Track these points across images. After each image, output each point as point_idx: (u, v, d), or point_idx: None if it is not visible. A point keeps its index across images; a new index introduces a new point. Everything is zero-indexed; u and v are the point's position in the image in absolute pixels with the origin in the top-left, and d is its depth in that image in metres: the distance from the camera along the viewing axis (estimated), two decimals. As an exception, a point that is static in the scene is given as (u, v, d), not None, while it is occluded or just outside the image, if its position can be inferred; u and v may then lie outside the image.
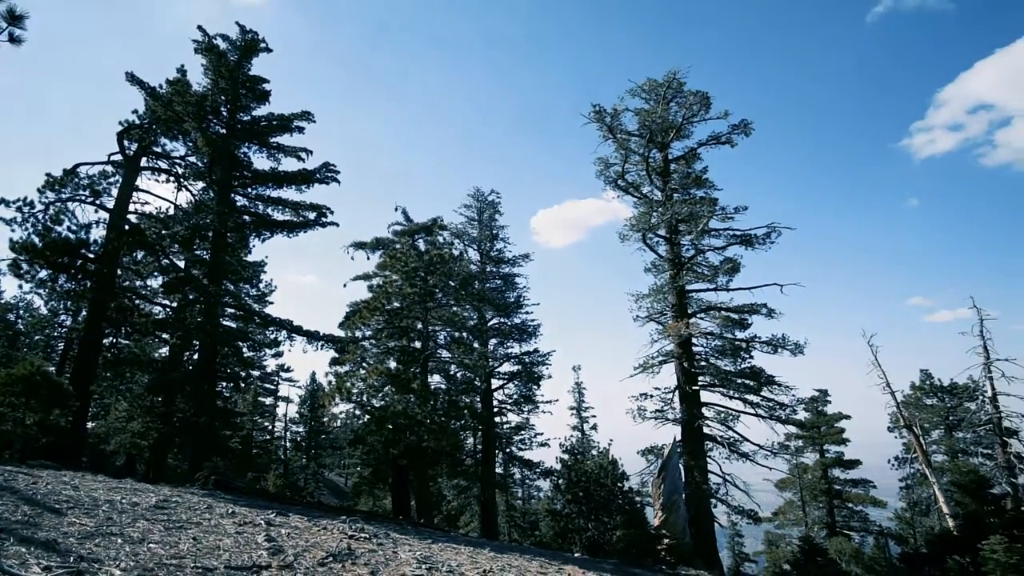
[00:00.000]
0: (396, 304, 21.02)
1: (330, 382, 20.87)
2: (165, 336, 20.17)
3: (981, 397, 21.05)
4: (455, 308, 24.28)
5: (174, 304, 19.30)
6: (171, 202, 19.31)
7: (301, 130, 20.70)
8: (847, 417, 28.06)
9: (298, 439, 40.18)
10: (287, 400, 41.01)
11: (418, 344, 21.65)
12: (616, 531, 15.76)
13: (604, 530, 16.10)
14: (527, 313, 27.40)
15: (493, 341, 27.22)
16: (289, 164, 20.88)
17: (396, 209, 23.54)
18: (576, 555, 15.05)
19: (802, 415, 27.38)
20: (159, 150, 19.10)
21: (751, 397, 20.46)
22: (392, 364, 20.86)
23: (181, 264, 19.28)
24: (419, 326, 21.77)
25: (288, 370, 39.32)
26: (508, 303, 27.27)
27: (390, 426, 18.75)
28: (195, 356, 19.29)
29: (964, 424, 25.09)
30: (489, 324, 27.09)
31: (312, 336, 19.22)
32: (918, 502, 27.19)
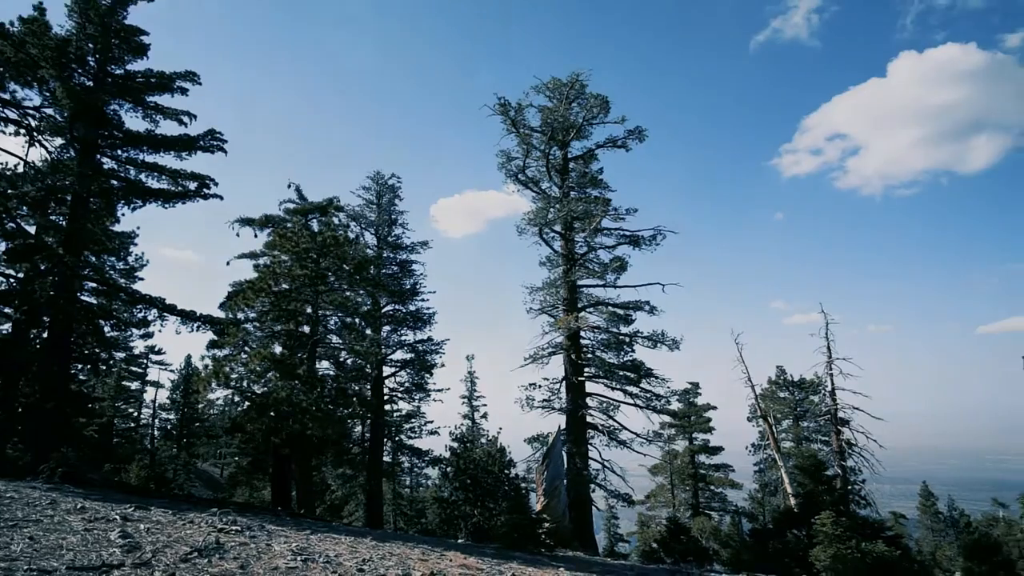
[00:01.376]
0: (284, 286, 20.02)
1: (207, 366, 19.49)
2: (7, 311, 17.82)
3: (823, 391, 23.94)
4: (348, 293, 23.55)
5: (20, 275, 17.08)
6: (21, 158, 16.99)
7: (184, 92, 18.98)
8: (714, 408, 30.84)
9: (168, 427, 37.11)
10: (157, 385, 37.68)
11: (307, 329, 20.79)
12: (501, 517, 16.22)
13: (489, 516, 16.50)
14: (423, 301, 27.21)
15: (387, 328, 26.77)
16: (169, 128, 19.16)
17: (289, 186, 22.39)
18: (460, 541, 15.31)
19: (675, 406, 29.64)
20: (7, 97, 16.71)
21: (631, 388, 21.83)
22: (277, 349, 19.89)
23: (32, 230, 17.09)
24: (308, 310, 20.90)
25: (159, 352, 36.15)
26: (404, 290, 26.91)
27: (272, 413, 17.91)
28: (45, 334, 17.23)
29: (808, 415, 28.53)
30: (383, 311, 26.59)
31: (187, 316, 17.85)
32: (768, 484, 30.51)
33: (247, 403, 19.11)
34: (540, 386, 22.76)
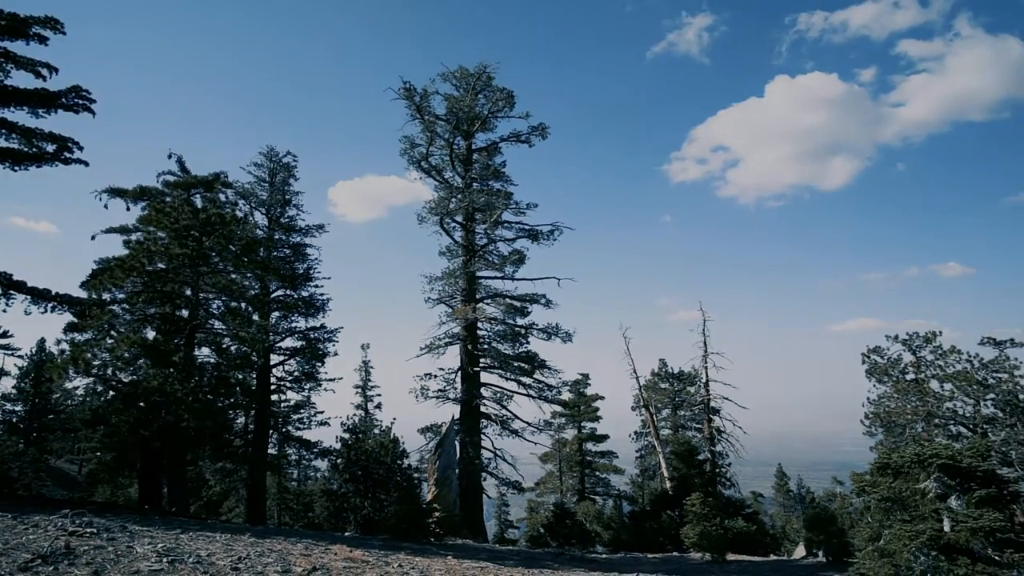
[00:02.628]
0: (160, 265, 18.40)
1: (63, 352, 17.53)
2: None
3: (699, 382, 26.01)
4: (234, 275, 22.06)
5: None
6: None
7: (43, 40, 16.66)
8: (602, 398, 32.44)
9: (13, 419, 32.83)
10: (1, 372, 33.13)
11: (185, 312, 19.27)
12: (392, 508, 16.08)
13: (380, 507, 16.30)
14: (316, 287, 26.08)
15: (276, 314, 25.41)
16: (23, 80, 16.76)
17: (170, 156, 20.48)
18: (348, 534, 15.02)
19: (566, 396, 30.84)
20: None
21: (525, 379, 22.44)
22: (150, 334, 18.28)
23: None
24: (188, 292, 19.36)
25: (5, 335, 31.78)
26: (296, 274, 25.65)
27: (142, 404, 16.46)
28: None
29: (685, 404, 30.90)
30: (273, 295, 25.21)
31: (40, 295, 15.85)
32: (648, 468, 32.68)
33: (112, 393, 17.43)
34: (435, 376, 22.76)
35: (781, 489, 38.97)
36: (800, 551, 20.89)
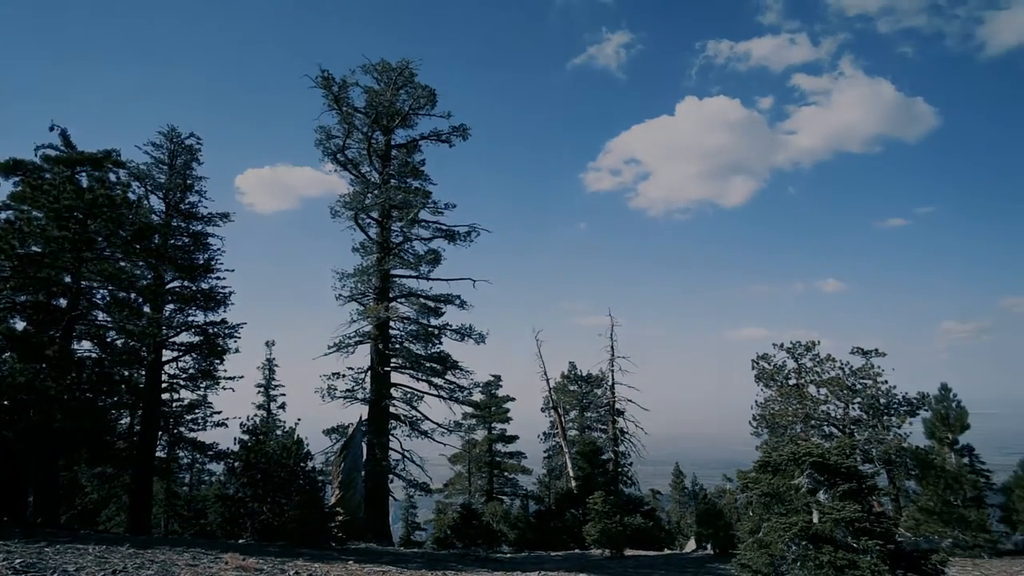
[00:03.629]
0: (36, 248, 16.57)
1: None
2: None
3: (605, 385, 27.01)
4: (123, 263, 20.28)
5: None
6: None
7: None
8: (513, 399, 32.83)
9: None
10: None
11: (63, 301, 17.47)
12: (293, 512, 15.44)
13: (280, 512, 15.60)
14: (218, 279, 24.42)
15: (170, 307, 23.62)
16: None
17: (52, 129, 18.50)
18: (242, 541, 14.26)
19: (478, 397, 30.96)
20: None
21: (436, 380, 22.31)
22: (19, 324, 16.42)
23: None
24: (67, 279, 17.56)
25: None
26: (195, 265, 23.93)
27: (5, 402, 14.74)
28: None
29: (592, 406, 32.00)
30: (168, 286, 23.41)
31: None
32: (555, 468, 33.47)
33: (-33, 390, 15.46)
34: (344, 375, 22.11)
35: (677, 487, 41.24)
36: (691, 545, 22.19)
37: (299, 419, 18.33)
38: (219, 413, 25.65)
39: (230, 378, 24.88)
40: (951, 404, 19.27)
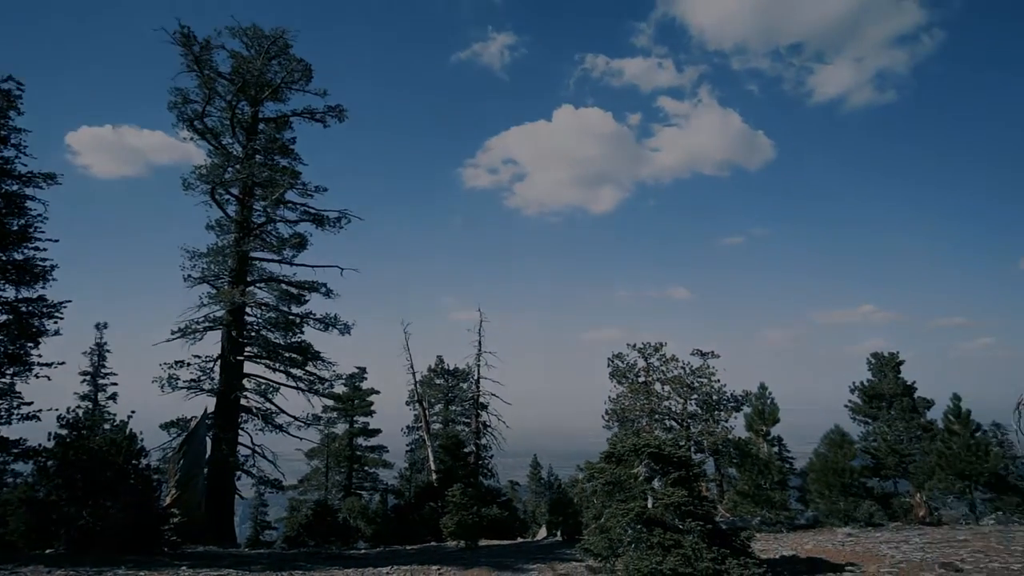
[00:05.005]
0: None
1: None
2: None
3: (471, 379, 27.42)
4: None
5: None
6: None
7: None
8: (377, 392, 32.14)
9: None
10: None
11: None
12: (119, 515, 13.77)
13: (103, 516, 13.84)
14: (38, 249, 21.01)
15: (-32, 278, 19.96)
16: None
17: None
18: (50, 552, 12.50)
19: (341, 389, 29.91)
20: None
21: (296, 371, 21.18)
22: None
23: None
24: None
25: None
26: (8, 231, 20.42)
27: None
28: None
29: (457, 400, 32.31)
30: (-34, 254, 19.74)
31: None
32: (417, 462, 33.30)
33: None
34: (189, 364, 20.16)
35: (534, 478, 43.04)
36: (543, 533, 23.31)
37: (133, 412, 16.41)
38: (30, 404, 22.17)
39: (47, 364, 21.59)
40: (767, 401, 22.24)
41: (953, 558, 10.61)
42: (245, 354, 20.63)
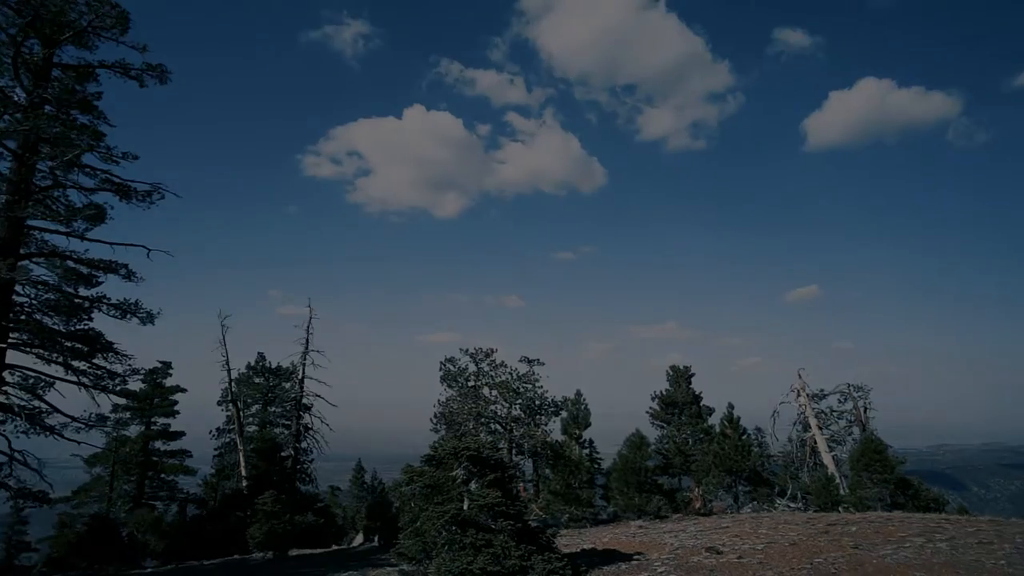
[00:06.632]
0: None
1: None
2: None
3: (295, 379, 25.81)
4: None
5: None
6: None
7: None
8: (183, 390, 28.70)
9: None
10: None
11: None
12: None
13: None
14: None
15: None
16: None
17: None
18: None
19: (137, 386, 26.31)
20: None
21: (79, 363, 18.14)
22: None
23: None
24: None
25: None
26: None
27: None
28: None
29: (277, 400, 30.12)
30: None
31: None
32: (225, 468, 30.41)
33: None
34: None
35: (357, 482, 41.60)
36: (359, 539, 22.75)
37: None
38: None
39: None
40: (581, 407, 24.15)
41: (717, 543, 12.47)
42: (9, 341, 17.18)
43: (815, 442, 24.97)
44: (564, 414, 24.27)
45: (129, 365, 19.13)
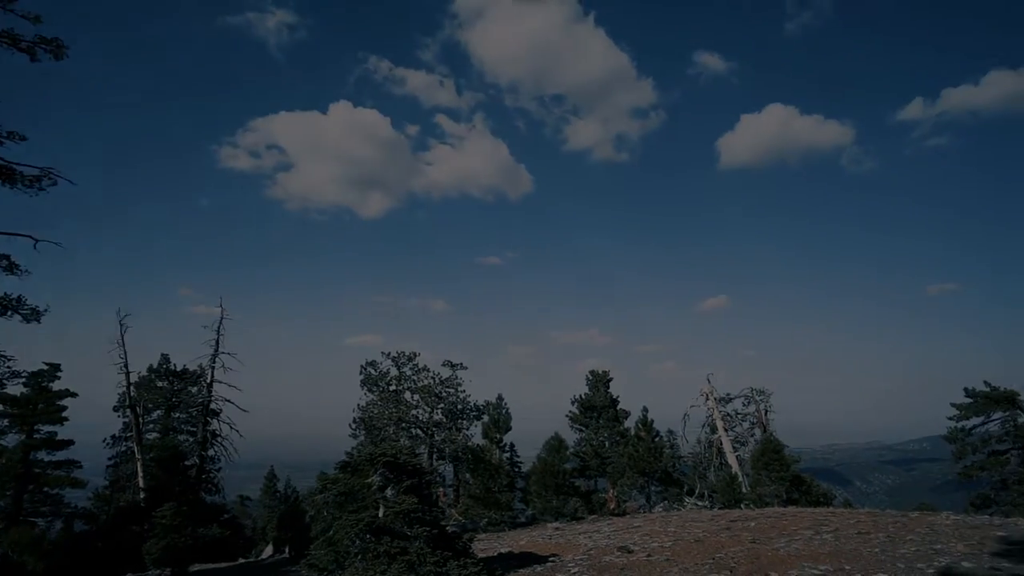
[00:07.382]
0: None
1: None
2: None
3: (202, 383, 24.27)
4: None
5: None
6: None
7: None
8: (74, 395, 26.19)
9: None
10: None
11: None
12: None
13: None
14: None
15: None
16: None
17: None
18: None
19: (17, 390, 23.87)
20: None
21: (-56, 365, 16.27)
22: None
23: None
24: None
25: None
26: None
27: None
28: None
29: (182, 405, 28.15)
30: None
31: None
32: (121, 479, 28.09)
33: None
34: None
35: (269, 491, 39.73)
36: (269, 550, 21.75)
37: None
38: None
39: None
40: (502, 411, 24.32)
41: (628, 542, 12.94)
42: None
43: (721, 443, 26.49)
44: (486, 418, 24.36)
45: (8, 367, 17.41)
